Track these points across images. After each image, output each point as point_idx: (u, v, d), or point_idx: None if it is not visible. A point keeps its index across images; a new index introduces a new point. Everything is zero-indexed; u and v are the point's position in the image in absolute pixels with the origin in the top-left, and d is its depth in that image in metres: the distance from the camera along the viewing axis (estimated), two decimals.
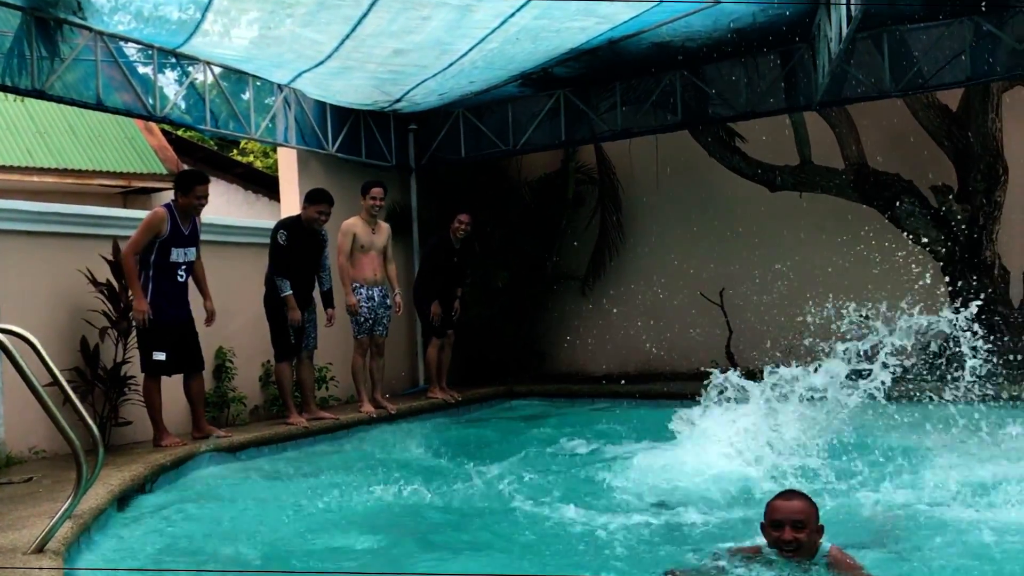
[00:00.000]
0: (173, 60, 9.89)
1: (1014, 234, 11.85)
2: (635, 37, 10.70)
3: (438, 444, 9.57)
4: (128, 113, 9.83)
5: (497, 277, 13.14)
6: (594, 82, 12.23)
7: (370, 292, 10.52)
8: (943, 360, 7.91)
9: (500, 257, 13.41)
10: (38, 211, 8.38)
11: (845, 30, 8.39)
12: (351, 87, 11.35)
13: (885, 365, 7.61)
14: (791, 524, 4.42)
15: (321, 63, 10.21)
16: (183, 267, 8.52)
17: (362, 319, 10.47)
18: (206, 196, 8.55)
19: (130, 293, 8.26)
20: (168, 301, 8.37)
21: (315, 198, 9.82)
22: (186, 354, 8.56)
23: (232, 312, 9.99)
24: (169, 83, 10.10)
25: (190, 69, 10.09)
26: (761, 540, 4.63)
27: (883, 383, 7.58)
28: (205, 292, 8.86)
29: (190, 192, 8.45)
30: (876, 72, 10.71)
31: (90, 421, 5.31)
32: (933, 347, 8.29)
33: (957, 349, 7.58)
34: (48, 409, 4.80)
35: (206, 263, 9.12)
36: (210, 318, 8.84)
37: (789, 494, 4.64)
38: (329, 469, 8.25)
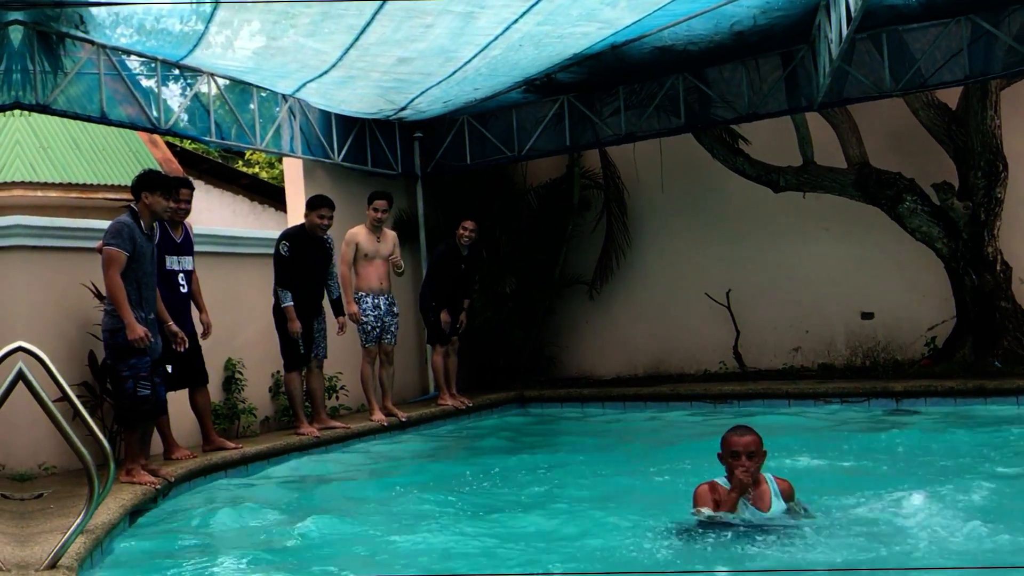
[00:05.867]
0: (177, 72, 9.89)
1: (1015, 230, 11.88)
2: (637, 42, 10.70)
3: None
4: (132, 126, 9.84)
5: (505, 282, 13.13)
6: (597, 87, 12.21)
7: (376, 300, 10.53)
8: None
9: (507, 263, 13.42)
10: (43, 226, 8.31)
11: (845, 31, 8.39)
12: (356, 96, 11.37)
13: None
14: (747, 455, 5.35)
15: (325, 73, 10.22)
16: (181, 275, 8.42)
17: (369, 328, 10.49)
18: (181, 201, 8.39)
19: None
20: (171, 314, 8.09)
21: (314, 204, 9.83)
22: (189, 369, 8.49)
23: (241, 323, 10.00)
24: (173, 95, 10.07)
25: (194, 81, 10.09)
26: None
27: None
28: (200, 305, 8.79)
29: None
30: (876, 72, 10.76)
31: (100, 435, 5.33)
32: None
33: None
34: (58, 424, 4.82)
35: (213, 274, 9.12)
36: (206, 331, 8.75)
37: (742, 429, 5.51)
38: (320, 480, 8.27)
